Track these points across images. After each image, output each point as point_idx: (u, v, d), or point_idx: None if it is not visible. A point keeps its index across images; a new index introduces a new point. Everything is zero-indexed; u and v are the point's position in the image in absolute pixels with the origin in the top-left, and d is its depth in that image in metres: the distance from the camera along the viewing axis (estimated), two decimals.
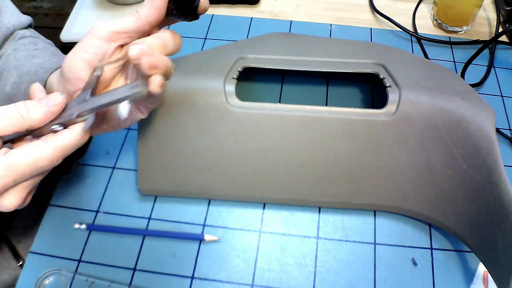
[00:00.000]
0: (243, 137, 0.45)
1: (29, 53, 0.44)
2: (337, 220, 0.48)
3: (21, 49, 0.45)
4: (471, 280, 0.44)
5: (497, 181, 0.40)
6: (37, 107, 0.30)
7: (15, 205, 0.30)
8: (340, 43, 0.52)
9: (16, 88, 0.42)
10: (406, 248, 0.46)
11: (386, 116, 0.44)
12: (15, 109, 0.30)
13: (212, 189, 0.47)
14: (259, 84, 0.55)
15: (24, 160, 0.29)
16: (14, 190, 0.30)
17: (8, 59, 0.44)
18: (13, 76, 0.42)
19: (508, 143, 0.54)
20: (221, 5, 0.70)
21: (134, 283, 0.44)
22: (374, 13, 0.69)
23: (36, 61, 0.43)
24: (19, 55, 0.44)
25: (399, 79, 0.45)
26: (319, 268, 0.45)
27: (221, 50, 0.50)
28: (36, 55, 0.44)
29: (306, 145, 0.45)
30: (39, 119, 0.30)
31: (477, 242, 0.42)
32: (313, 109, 0.45)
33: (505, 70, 0.62)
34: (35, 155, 0.29)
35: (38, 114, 0.30)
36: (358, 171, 0.45)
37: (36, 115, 0.30)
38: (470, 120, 0.43)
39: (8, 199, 0.30)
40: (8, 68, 0.43)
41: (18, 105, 0.30)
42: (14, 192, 0.30)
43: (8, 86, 0.42)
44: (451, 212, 0.44)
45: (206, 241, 0.46)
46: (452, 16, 0.65)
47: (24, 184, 0.30)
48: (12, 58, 0.44)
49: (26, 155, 0.29)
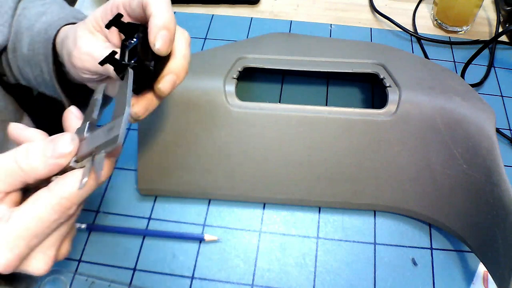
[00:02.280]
0: (243, 137, 0.45)
1: (38, 9, 0.43)
2: (337, 220, 0.48)
3: (29, 6, 0.44)
4: (471, 280, 0.44)
5: (497, 181, 0.40)
6: (40, 158, 0.25)
7: (45, 268, 0.26)
8: (340, 43, 0.52)
9: (31, 49, 0.41)
10: (406, 248, 0.46)
11: (386, 116, 0.44)
12: (13, 161, 0.25)
13: (212, 189, 0.47)
14: (259, 84, 0.55)
15: (31, 221, 0.24)
16: (38, 253, 0.26)
17: (19, 20, 0.43)
18: (27, 37, 0.41)
19: (508, 143, 0.54)
20: (221, 5, 0.70)
21: (134, 283, 0.44)
22: (374, 13, 0.69)
23: (44, 19, 0.41)
24: (28, 13, 0.43)
25: (399, 79, 0.45)
26: (319, 268, 0.45)
27: (221, 50, 0.50)
28: (45, 12, 0.42)
29: (306, 145, 0.45)
30: (42, 173, 0.25)
31: (477, 242, 0.42)
32: (313, 109, 0.45)
33: (505, 70, 0.62)
34: (40, 211, 0.24)
35: (41, 168, 0.25)
36: (358, 171, 0.45)
37: (39, 169, 0.25)
38: (470, 120, 0.43)
39: (35, 264, 0.26)
40: (21, 29, 0.42)
41: (18, 155, 0.25)
42: (38, 255, 0.26)
43: (24, 48, 0.41)
44: (451, 212, 0.44)
45: (206, 241, 0.46)
46: (452, 16, 0.65)
47: (46, 244, 0.26)
48: (22, 18, 0.43)
49: (31, 214, 0.24)
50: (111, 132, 0.24)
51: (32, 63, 0.40)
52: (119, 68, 0.28)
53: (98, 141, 0.25)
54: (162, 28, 0.28)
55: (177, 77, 0.31)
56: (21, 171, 0.25)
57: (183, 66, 0.31)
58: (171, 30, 0.29)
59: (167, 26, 0.28)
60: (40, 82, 0.42)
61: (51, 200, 0.24)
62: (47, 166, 0.25)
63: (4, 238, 0.23)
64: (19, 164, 0.24)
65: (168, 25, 0.28)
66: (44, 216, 0.24)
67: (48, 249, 0.26)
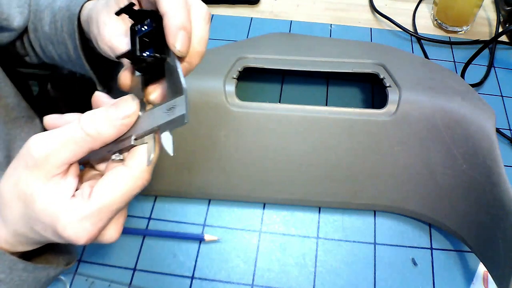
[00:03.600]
0: (243, 137, 0.45)
1: None
2: (337, 220, 0.48)
3: None
4: (471, 280, 0.44)
5: (497, 181, 0.40)
6: (107, 122, 0.25)
7: (117, 236, 0.27)
8: (340, 43, 0.52)
9: (53, 27, 0.40)
10: (406, 248, 0.46)
11: (386, 116, 0.44)
12: (79, 129, 0.25)
13: (212, 189, 0.47)
14: (259, 84, 0.55)
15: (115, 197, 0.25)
16: (112, 224, 0.27)
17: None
18: (47, 16, 0.41)
19: (508, 143, 0.54)
20: (221, 5, 0.70)
21: (134, 283, 0.44)
22: (374, 13, 0.69)
23: None
24: None
25: (399, 79, 0.45)
26: (319, 268, 0.45)
27: (221, 50, 0.50)
28: None
29: (306, 145, 0.45)
30: (110, 137, 0.26)
31: (477, 242, 0.42)
32: (313, 109, 0.44)
33: (505, 70, 0.62)
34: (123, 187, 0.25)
35: (110, 132, 0.25)
36: (358, 171, 0.45)
37: (108, 132, 0.25)
38: (470, 120, 0.43)
39: (109, 234, 0.27)
40: (40, 8, 0.42)
41: (84, 123, 0.25)
42: (113, 225, 0.27)
43: (46, 26, 0.41)
44: (451, 212, 0.44)
45: (206, 241, 0.46)
46: (452, 16, 0.65)
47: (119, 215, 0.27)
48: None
49: (114, 190, 0.25)
50: (174, 111, 0.25)
51: (55, 41, 0.40)
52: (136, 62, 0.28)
53: (158, 120, 0.26)
54: (180, 28, 0.27)
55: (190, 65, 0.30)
56: (88, 137, 0.25)
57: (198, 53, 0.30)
58: (188, 29, 0.28)
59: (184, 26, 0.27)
60: (66, 59, 0.41)
61: (133, 174, 0.25)
62: (115, 128, 0.25)
63: (87, 214, 0.24)
64: (86, 130, 0.25)
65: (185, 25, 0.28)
66: (126, 191, 0.25)
67: (119, 218, 0.27)
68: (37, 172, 0.24)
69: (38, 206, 0.24)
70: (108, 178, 0.25)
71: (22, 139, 0.47)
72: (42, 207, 0.24)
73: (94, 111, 0.26)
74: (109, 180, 0.25)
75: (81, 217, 0.24)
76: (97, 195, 0.25)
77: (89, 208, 0.24)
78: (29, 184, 0.24)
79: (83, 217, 0.24)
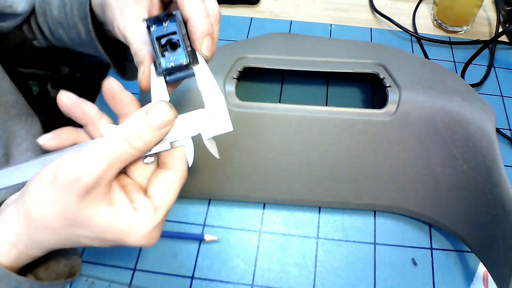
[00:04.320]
0: (243, 137, 0.45)
1: None
2: (337, 220, 0.48)
3: None
4: (471, 280, 0.44)
5: (497, 181, 0.40)
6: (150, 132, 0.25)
7: (159, 237, 0.28)
8: (340, 43, 0.52)
9: (62, 11, 0.39)
10: (406, 248, 0.46)
11: (386, 116, 0.44)
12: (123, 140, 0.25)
13: (212, 189, 0.47)
14: (259, 84, 0.55)
15: (172, 201, 0.27)
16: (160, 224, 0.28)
17: None
18: None
19: (508, 143, 0.54)
20: (221, 5, 0.70)
21: (134, 283, 0.44)
22: (374, 13, 0.69)
23: None
24: None
25: (399, 79, 0.45)
26: (319, 268, 0.45)
27: (221, 50, 0.50)
28: None
29: (306, 145, 0.45)
30: (152, 145, 0.26)
31: (477, 242, 0.42)
32: (313, 109, 0.44)
33: (505, 70, 0.62)
34: (177, 191, 0.27)
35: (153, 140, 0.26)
36: (358, 171, 0.45)
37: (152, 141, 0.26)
38: (470, 120, 0.43)
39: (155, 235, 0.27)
40: None
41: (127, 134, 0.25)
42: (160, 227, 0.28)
43: (54, 10, 0.40)
44: (451, 212, 0.44)
45: (206, 241, 0.46)
46: (452, 16, 0.65)
47: None
48: None
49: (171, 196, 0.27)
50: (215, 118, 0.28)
51: (65, 24, 0.39)
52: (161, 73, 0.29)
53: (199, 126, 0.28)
54: (206, 34, 0.28)
55: None
56: (136, 150, 0.25)
57: None
58: (213, 34, 0.29)
59: (210, 32, 0.28)
60: (78, 42, 0.41)
61: (181, 176, 0.28)
62: (158, 137, 0.26)
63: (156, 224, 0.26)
64: (130, 142, 0.25)
65: (210, 31, 0.28)
66: (177, 193, 0.27)
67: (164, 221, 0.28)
68: (89, 198, 0.24)
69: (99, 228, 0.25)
70: (162, 185, 0.27)
71: (21, 137, 0.47)
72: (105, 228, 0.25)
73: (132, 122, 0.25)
74: (164, 187, 0.27)
75: (151, 228, 0.26)
76: (161, 205, 0.26)
77: (156, 219, 0.26)
78: (82, 210, 0.25)
79: (154, 228, 0.26)
